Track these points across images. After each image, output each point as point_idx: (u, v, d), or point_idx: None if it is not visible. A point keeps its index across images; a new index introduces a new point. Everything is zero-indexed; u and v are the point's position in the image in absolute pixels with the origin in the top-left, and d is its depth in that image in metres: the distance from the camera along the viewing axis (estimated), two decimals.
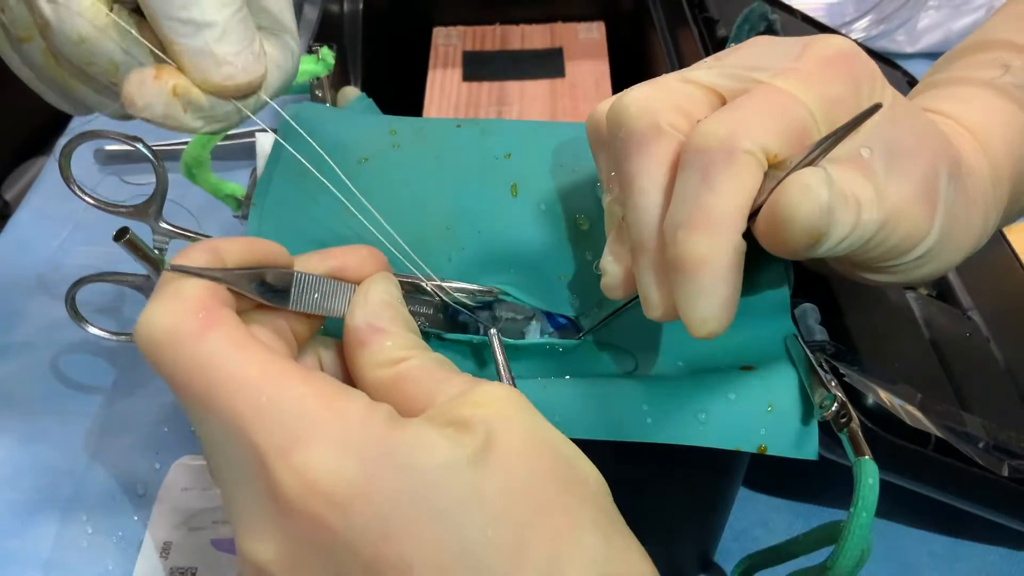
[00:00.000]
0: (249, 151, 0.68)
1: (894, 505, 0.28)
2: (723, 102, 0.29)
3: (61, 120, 0.76)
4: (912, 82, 0.66)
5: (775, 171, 0.26)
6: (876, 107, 0.25)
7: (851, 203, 0.27)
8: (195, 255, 0.26)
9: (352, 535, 0.22)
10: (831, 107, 0.27)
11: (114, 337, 0.41)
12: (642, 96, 0.28)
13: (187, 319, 0.24)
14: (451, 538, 0.22)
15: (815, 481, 0.47)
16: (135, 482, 0.49)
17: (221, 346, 0.24)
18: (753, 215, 0.26)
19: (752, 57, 0.29)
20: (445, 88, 0.65)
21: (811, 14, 0.69)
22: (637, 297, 0.29)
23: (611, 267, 0.31)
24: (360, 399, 0.24)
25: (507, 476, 0.23)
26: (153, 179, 0.38)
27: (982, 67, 0.36)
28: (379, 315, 0.29)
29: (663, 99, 0.28)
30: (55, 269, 0.61)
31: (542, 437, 0.25)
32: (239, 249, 0.28)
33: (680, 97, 0.28)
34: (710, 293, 0.26)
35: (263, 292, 0.27)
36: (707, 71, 0.29)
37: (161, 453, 0.50)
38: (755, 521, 0.47)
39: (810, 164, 0.26)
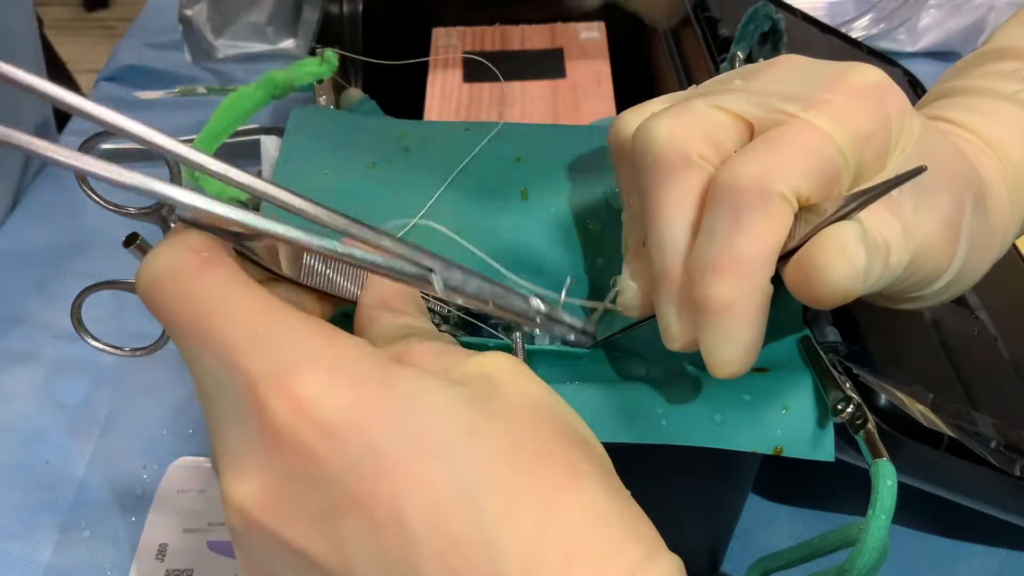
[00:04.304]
0: (250, 151, 0.67)
1: (896, 505, 0.28)
2: (751, 130, 0.28)
3: (60, 119, 0.76)
4: (913, 81, 0.66)
5: (806, 214, 0.26)
6: (920, 170, 0.25)
7: (881, 249, 0.26)
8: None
9: (342, 468, 0.22)
10: (861, 145, 0.27)
11: (116, 352, 0.40)
12: (671, 123, 0.28)
13: (189, 259, 0.24)
14: (447, 476, 0.21)
15: (817, 483, 0.47)
16: (133, 484, 0.48)
17: (221, 281, 0.24)
18: (781, 257, 0.26)
19: (783, 82, 0.29)
20: (446, 89, 0.64)
21: (812, 13, 0.69)
22: (653, 316, 0.29)
23: (629, 287, 0.30)
24: (360, 340, 0.24)
25: (507, 423, 0.23)
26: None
27: (1002, 78, 0.35)
28: (392, 295, 0.29)
29: (693, 127, 0.28)
30: (55, 272, 0.61)
31: (545, 399, 0.25)
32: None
33: (710, 125, 0.28)
34: (736, 337, 0.26)
35: (269, 257, 0.27)
36: (737, 97, 0.28)
37: (159, 455, 0.49)
38: (756, 522, 0.47)
39: (844, 217, 0.25)
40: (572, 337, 0.33)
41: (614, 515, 0.22)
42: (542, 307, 0.31)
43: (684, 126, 0.28)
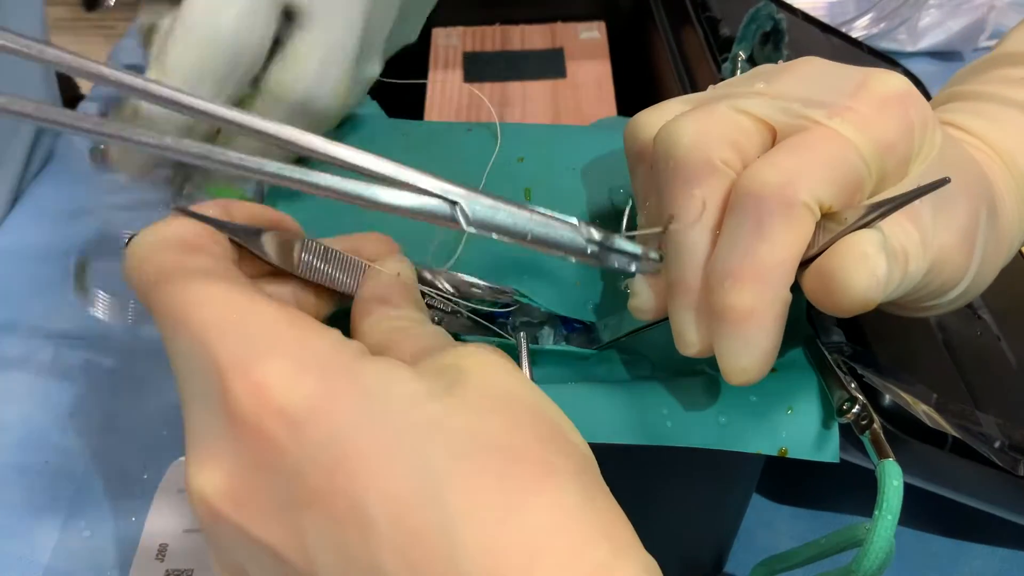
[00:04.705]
0: None
1: None
2: (774, 135, 0.28)
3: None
4: (913, 82, 0.66)
5: (827, 222, 0.26)
6: (944, 181, 0.25)
7: (900, 257, 0.26)
8: (204, 210, 0.27)
9: (303, 458, 0.21)
10: (884, 154, 0.27)
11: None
12: (695, 127, 0.28)
13: (172, 244, 0.24)
14: (409, 469, 0.21)
15: (819, 484, 0.47)
16: (133, 484, 0.48)
17: (200, 267, 0.24)
18: (800, 264, 0.26)
19: (806, 86, 0.28)
20: (446, 90, 0.64)
21: (812, 13, 0.69)
22: (664, 319, 0.29)
23: (644, 289, 0.30)
24: (333, 332, 0.24)
25: (477, 416, 0.22)
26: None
27: (1012, 85, 0.35)
28: (390, 289, 0.29)
29: (717, 132, 0.27)
30: (55, 271, 0.61)
31: (521, 392, 0.24)
32: (250, 209, 0.28)
33: (734, 130, 0.28)
34: (754, 345, 0.26)
35: (268, 250, 0.27)
36: (760, 101, 0.28)
37: (159, 455, 0.49)
38: (758, 522, 0.47)
39: (865, 225, 0.25)
40: (633, 268, 0.29)
41: (584, 512, 0.22)
42: (595, 234, 0.27)
43: (708, 130, 0.27)
